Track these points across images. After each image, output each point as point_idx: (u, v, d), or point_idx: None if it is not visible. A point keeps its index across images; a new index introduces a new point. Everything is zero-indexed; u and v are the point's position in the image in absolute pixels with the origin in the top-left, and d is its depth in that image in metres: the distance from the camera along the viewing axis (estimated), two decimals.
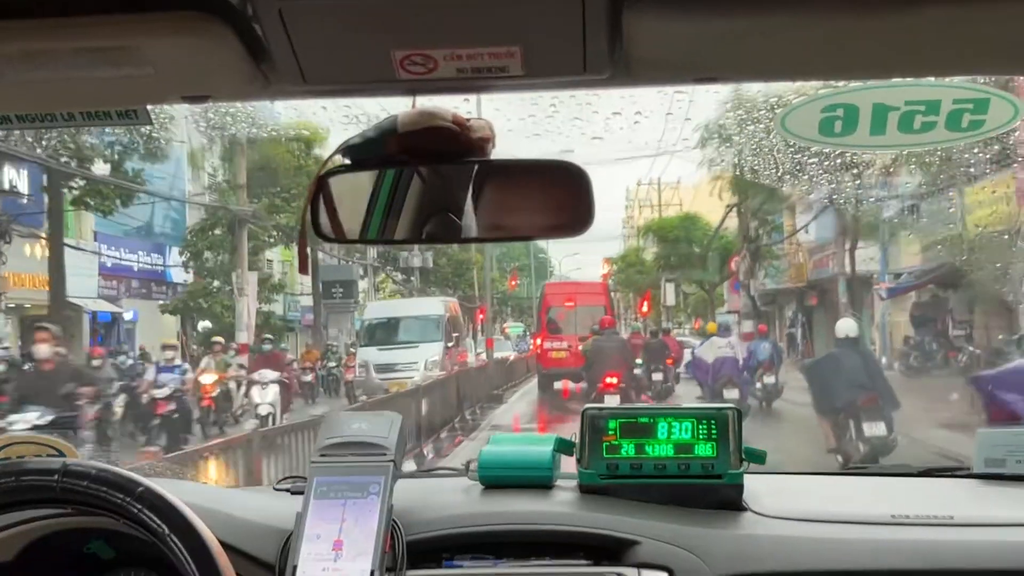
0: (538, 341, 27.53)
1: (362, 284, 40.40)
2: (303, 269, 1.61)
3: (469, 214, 1.46)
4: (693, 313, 47.07)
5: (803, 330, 31.37)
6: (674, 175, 46.58)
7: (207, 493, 2.00)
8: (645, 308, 40.98)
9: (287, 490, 1.93)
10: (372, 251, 42.28)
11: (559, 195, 1.45)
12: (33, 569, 1.76)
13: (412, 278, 40.03)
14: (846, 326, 11.19)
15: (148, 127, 13.20)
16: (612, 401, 15.29)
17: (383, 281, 43.86)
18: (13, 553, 1.74)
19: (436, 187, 1.45)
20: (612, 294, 34.53)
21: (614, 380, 15.98)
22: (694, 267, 35.09)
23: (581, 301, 26.37)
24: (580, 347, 20.07)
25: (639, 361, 19.08)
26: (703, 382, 17.02)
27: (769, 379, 16.92)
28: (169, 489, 1.42)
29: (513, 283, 52.01)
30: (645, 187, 48.79)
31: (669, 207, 45.36)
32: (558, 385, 23.51)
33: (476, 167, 1.41)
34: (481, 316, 51.45)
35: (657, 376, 19.26)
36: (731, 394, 15.56)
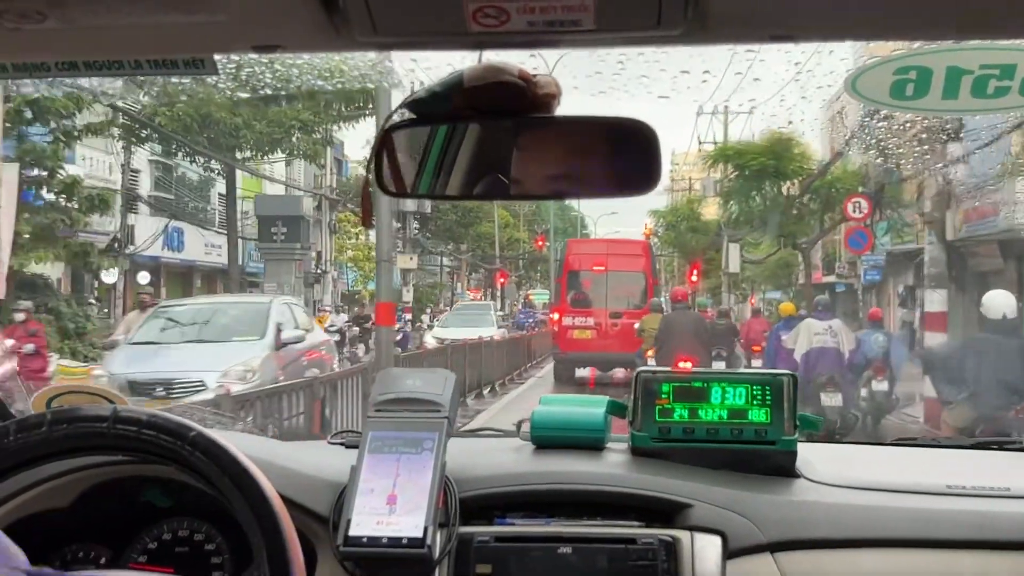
0: (555, 316, 21.43)
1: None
2: (366, 222, 1.62)
3: (531, 171, 1.45)
4: (762, 283, 36.11)
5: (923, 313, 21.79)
6: (742, 99, 34.26)
7: (261, 444, 2.03)
8: (695, 277, 32.68)
9: (341, 444, 1.96)
10: (330, 180, 33.85)
11: (625, 153, 1.43)
12: (89, 515, 1.79)
13: (405, 226, 32.55)
14: (1002, 302, 7.81)
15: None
16: None
17: (344, 219, 35.08)
18: (69, 499, 1.78)
19: (498, 142, 1.44)
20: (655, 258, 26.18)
21: (688, 365, 12.43)
22: (785, 214, 23.45)
23: (614, 264, 20.32)
24: (637, 325, 15.78)
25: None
26: None
27: (880, 385, 12.06)
28: (225, 439, 1.43)
29: (540, 243, 44.65)
30: (708, 117, 36.12)
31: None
32: (582, 372, 19.51)
33: (541, 123, 1.39)
34: (502, 280, 46.02)
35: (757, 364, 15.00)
36: (832, 400, 11.45)
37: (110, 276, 23.81)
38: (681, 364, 12.45)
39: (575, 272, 20.80)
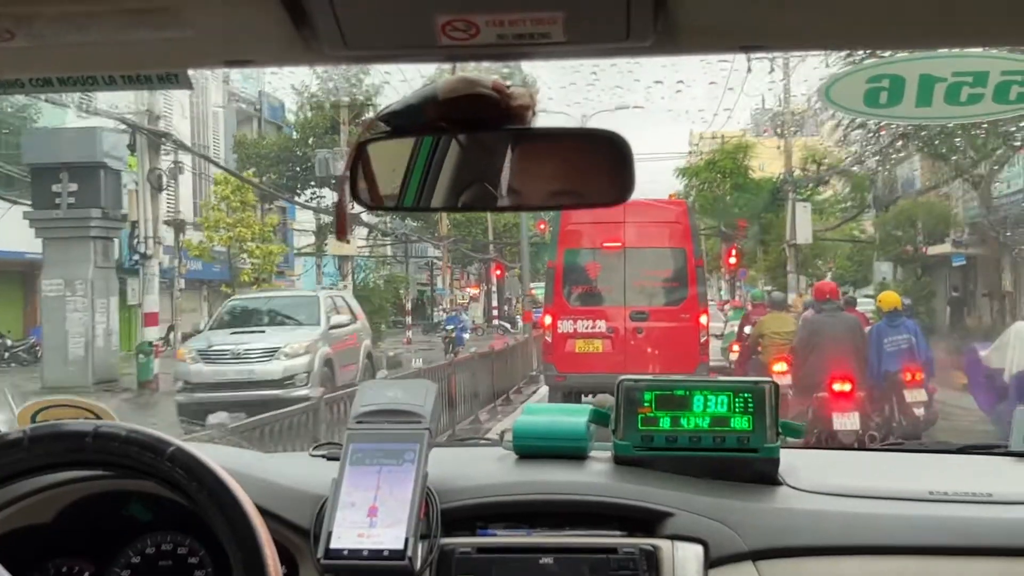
0: (548, 320, 13.81)
1: (128, 179, 17.99)
2: (342, 235, 1.63)
3: (506, 182, 1.45)
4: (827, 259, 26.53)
5: None
6: None
7: (243, 458, 2.02)
8: (732, 259, 25.96)
9: (323, 456, 1.95)
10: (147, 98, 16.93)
11: (599, 164, 1.44)
12: (71, 531, 1.78)
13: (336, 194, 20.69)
14: None
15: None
16: (845, 424, 8.55)
17: (225, 186, 22.73)
18: (51, 515, 1.77)
19: (474, 155, 1.44)
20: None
21: (846, 387, 8.75)
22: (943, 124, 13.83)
23: (636, 238, 13.24)
24: (747, 328, 11.81)
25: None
26: (984, 407, 9.23)
27: None
28: (205, 453, 1.42)
29: (542, 227, 34.47)
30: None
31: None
32: (589, 401, 9.18)
33: (516, 135, 1.40)
34: (498, 273, 41.71)
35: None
36: None
37: None
38: (837, 387, 8.82)
39: (575, 252, 13.60)
